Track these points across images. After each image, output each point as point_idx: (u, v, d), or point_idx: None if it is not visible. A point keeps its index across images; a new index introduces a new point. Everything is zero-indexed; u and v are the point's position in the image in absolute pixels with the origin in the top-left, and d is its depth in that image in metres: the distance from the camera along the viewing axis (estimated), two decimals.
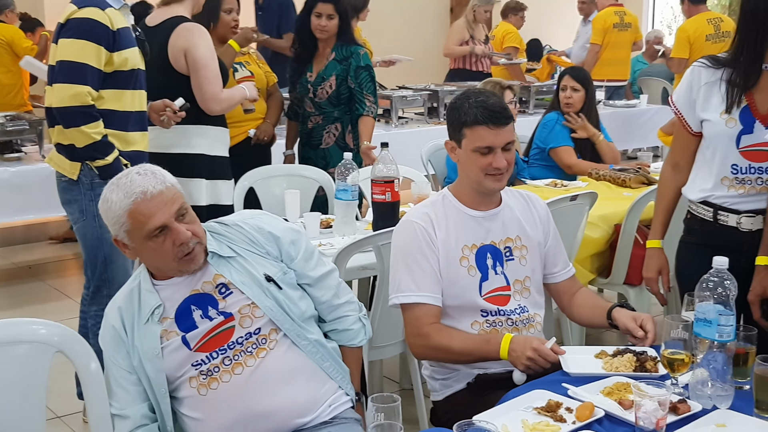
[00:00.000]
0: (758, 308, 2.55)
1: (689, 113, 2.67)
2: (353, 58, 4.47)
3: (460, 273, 2.46)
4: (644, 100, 7.76)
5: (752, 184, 2.61)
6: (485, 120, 2.42)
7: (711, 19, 6.63)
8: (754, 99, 2.57)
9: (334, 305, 2.38)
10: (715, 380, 2.01)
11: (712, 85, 2.61)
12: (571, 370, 2.21)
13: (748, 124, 2.57)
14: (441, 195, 2.57)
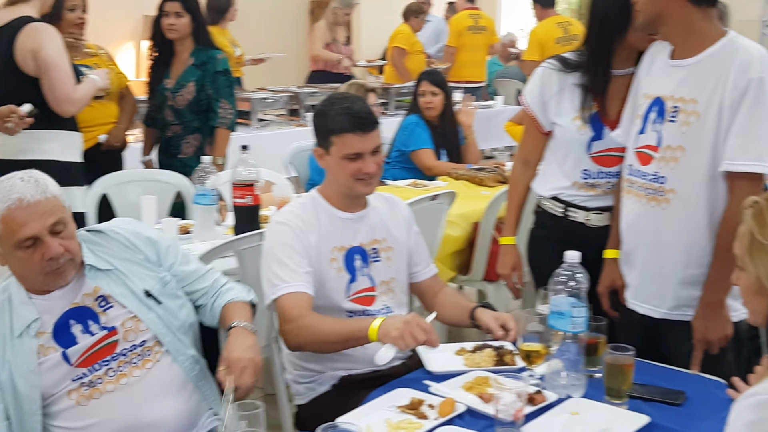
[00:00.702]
0: (607, 299, 2.65)
1: (542, 114, 2.75)
2: (210, 63, 4.37)
3: (330, 274, 2.46)
4: (500, 101, 7.98)
5: (602, 188, 2.71)
6: (352, 127, 2.41)
7: (560, 22, 6.87)
8: (604, 104, 2.66)
9: (218, 285, 2.36)
10: (569, 370, 2.08)
11: (564, 90, 2.69)
12: (433, 369, 2.23)
13: (598, 131, 2.66)
14: (310, 197, 2.55)
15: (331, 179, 2.53)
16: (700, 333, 2.31)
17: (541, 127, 2.76)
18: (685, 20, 2.34)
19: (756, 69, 2.26)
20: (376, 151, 2.46)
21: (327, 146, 2.46)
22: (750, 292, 1.69)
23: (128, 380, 2.11)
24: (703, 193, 2.35)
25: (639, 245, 2.49)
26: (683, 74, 2.37)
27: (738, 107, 2.26)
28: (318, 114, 2.52)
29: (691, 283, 2.39)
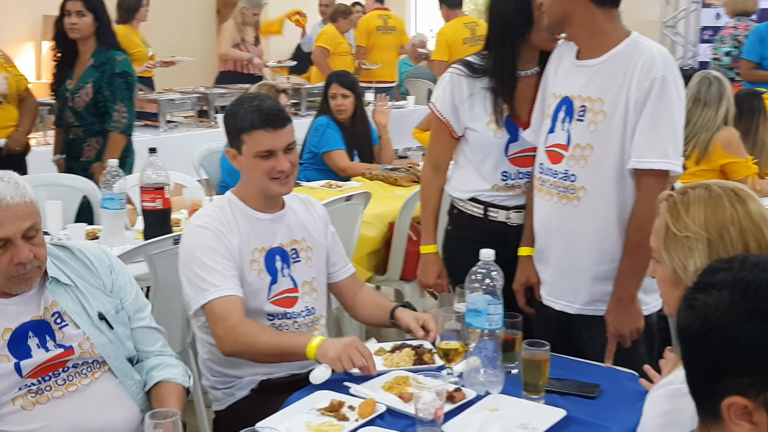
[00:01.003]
0: (522, 296, 2.68)
1: (454, 120, 2.73)
2: (109, 64, 4.25)
3: (251, 276, 2.42)
4: (411, 101, 8.02)
5: (522, 188, 2.73)
6: (262, 124, 2.38)
7: (467, 23, 6.96)
8: (514, 106, 2.68)
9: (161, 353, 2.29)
10: (486, 367, 2.10)
11: (474, 95, 2.69)
12: (353, 371, 2.22)
13: (513, 133, 2.69)
14: (226, 199, 2.51)
15: (245, 180, 2.49)
16: (613, 327, 2.36)
17: (454, 132, 2.76)
18: (590, 21, 2.38)
19: (659, 68, 2.31)
20: (289, 148, 2.44)
21: (239, 146, 2.43)
22: (666, 284, 1.72)
23: (77, 388, 2.09)
24: (612, 190, 2.39)
25: (552, 243, 2.53)
26: (589, 74, 2.42)
27: (643, 106, 2.32)
28: (228, 114, 2.48)
29: (603, 279, 2.44)
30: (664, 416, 1.56)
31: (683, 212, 1.67)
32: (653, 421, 1.58)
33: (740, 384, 1.11)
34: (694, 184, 1.73)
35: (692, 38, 8.60)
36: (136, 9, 6.67)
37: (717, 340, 1.13)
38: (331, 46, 8.16)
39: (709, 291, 1.15)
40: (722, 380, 1.13)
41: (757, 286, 1.13)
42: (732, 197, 1.66)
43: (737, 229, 1.63)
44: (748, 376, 1.11)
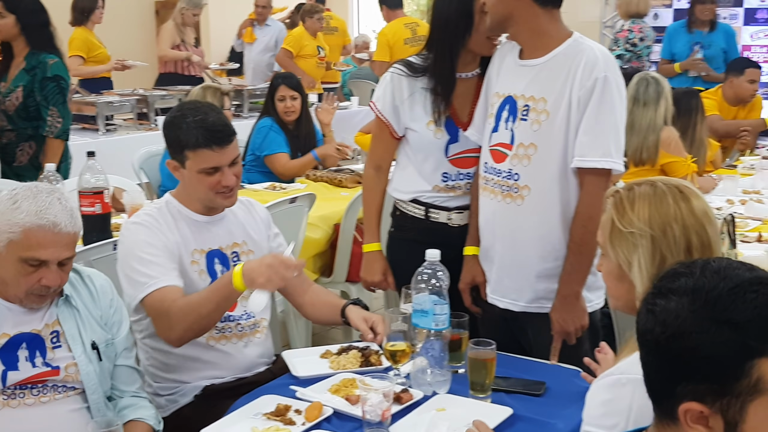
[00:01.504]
0: (468, 295, 2.69)
1: (395, 120, 2.73)
2: (40, 68, 4.13)
3: (192, 277, 2.39)
4: (355, 102, 8.01)
5: (463, 189, 2.73)
6: (208, 142, 2.34)
7: (408, 23, 6.97)
8: (455, 107, 2.68)
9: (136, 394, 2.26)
10: (433, 367, 2.10)
11: (414, 95, 2.68)
12: (299, 374, 2.21)
13: (453, 134, 2.69)
14: (164, 201, 2.46)
15: (187, 191, 2.45)
16: (558, 324, 2.38)
17: (395, 132, 2.75)
18: (533, 21, 2.40)
19: (601, 68, 2.34)
20: (234, 162, 2.40)
21: (182, 160, 2.38)
22: (612, 278, 1.75)
23: (48, 400, 2.08)
24: (556, 189, 2.41)
25: (496, 241, 2.54)
26: (532, 74, 2.43)
27: (586, 105, 2.34)
28: (169, 125, 2.42)
29: (547, 276, 2.45)
30: (603, 406, 1.58)
31: (628, 208, 1.69)
32: (594, 411, 1.60)
33: (698, 390, 1.12)
34: (640, 181, 1.76)
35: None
36: (91, 11, 6.58)
37: (676, 347, 1.13)
38: (295, 48, 8.05)
39: (669, 297, 1.16)
40: (680, 385, 1.14)
41: (717, 294, 1.13)
42: (676, 194, 1.69)
43: (680, 225, 1.66)
44: (706, 384, 1.12)
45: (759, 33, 8.13)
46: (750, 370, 1.10)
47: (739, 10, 8.19)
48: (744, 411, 1.11)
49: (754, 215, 3.77)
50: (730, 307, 1.11)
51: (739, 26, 8.18)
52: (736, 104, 5.85)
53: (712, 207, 3.85)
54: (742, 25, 8.18)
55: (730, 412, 1.11)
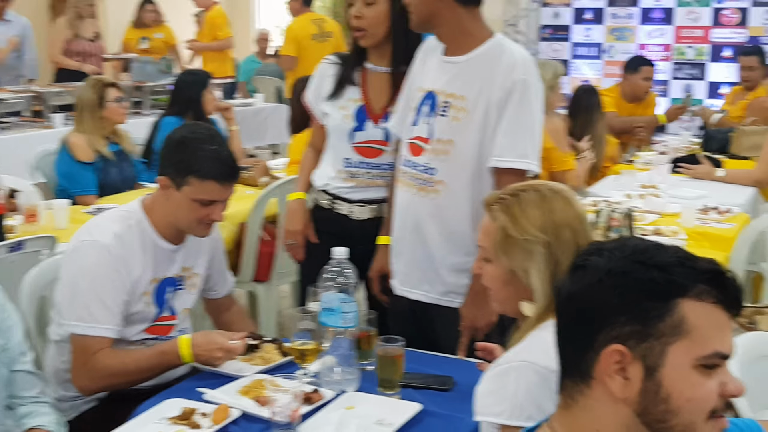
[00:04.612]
0: (377, 283, 2.71)
1: (315, 105, 2.84)
2: None
3: (138, 306, 2.33)
4: (260, 99, 7.93)
5: (362, 178, 2.77)
6: (219, 177, 2.29)
7: (315, 19, 6.94)
8: (368, 98, 2.74)
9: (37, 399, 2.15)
10: (342, 365, 2.09)
11: (331, 80, 2.78)
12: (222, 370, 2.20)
13: (360, 122, 2.74)
14: (136, 219, 2.35)
15: (167, 211, 2.35)
16: (468, 320, 2.40)
17: (317, 119, 2.83)
18: (455, 21, 2.43)
19: (520, 71, 2.38)
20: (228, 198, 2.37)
21: (180, 183, 2.30)
22: (498, 283, 1.78)
23: None
24: (469, 186, 2.44)
25: (408, 233, 2.55)
26: (454, 71, 2.46)
27: (504, 107, 2.37)
28: (180, 146, 2.32)
29: (458, 271, 2.47)
30: (491, 395, 1.62)
31: (520, 215, 1.73)
32: (482, 401, 1.64)
33: (621, 333, 1.17)
34: (523, 186, 1.80)
35: (533, 36, 8.91)
36: None
37: (607, 289, 1.18)
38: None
39: (601, 253, 1.22)
40: (604, 330, 1.18)
41: (643, 247, 1.21)
42: (561, 199, 1.75)
43: (570, 229, 1.71)
44: (630, 325, 1.16)
45: (654, 32, 8.39)
46: (674, 309, 1.15)
47: (635, 9, 8.44)
48: (664, 355, 1.15)
49: (651, 209, 3.89)
50: (656, 255, 1.19)
51: (635, 25, 8.43)
52: (633, 101, 6.03)
53: (611, 200, 3.98)
54: (638, 24, 8.43)
55: (650, 357, 1.16)
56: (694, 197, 4.15)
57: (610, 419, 1.20)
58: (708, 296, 1.16)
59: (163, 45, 8.21)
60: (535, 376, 1.57)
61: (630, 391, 1.17)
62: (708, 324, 1.16)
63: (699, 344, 1.15)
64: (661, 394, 1.16)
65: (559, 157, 4.30)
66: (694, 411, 1.16)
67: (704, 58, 8.18)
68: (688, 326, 1.15)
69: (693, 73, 8.23)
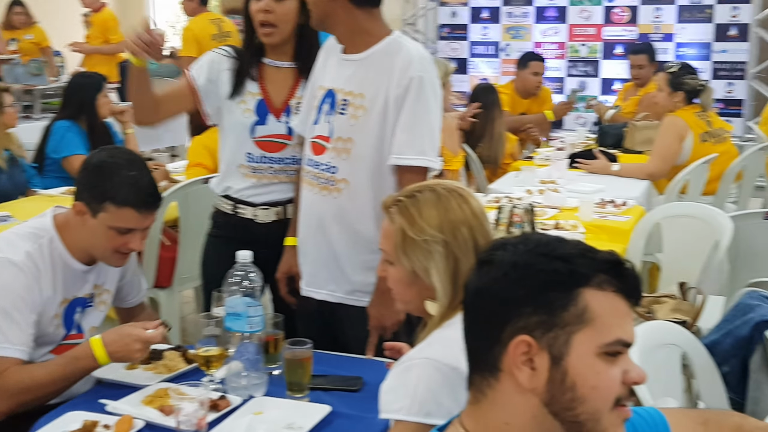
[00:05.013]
0: (284, 285, 2.68)
1: (204, 93, 2.74)
2: None
3: (49, 329, 2.24)
4: None
5: (264, 173, 2.73)
6: (138, 204, 2.20)
7: (213, 19, 6.84)
8: (268, 93, 2.71)
9: None
10: (249, 370, 2.06)
11: (228, 74, 2.73)
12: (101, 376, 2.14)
13: (262, 116, 2.71)
14: (48, 238, 2.24)
15: (81, 236, 2.26)
16: (376, 319, 2.40)
17: (201, 102, 2.74)
18: (350, 20, 2.42)
19: (416, 68, 2.38)
20: (147, 227, 2.28)
21: (96, 210, 2.21)
22: (401, 284, 1.80)
23: None
24: (371, 184, 2.44)
25: (312, 232, 2.54)
26: (352, 69, 2.46)
27: (402, 104, 2.38)
28: (97, 170, 2.23)
29: (364, 269, 2.47)
30: (393, 392, 1.64)
31: (417, 216, 1.74)
32: (385, 398, 1.66)
33: (528, 324, 1.19)
34: (420, 186, 1.82)
35: (431, 35, 9.01)
36: None
37: (513, 282, 1.20)
38: None
39: (506, 248, 1.25)
40: (511, 322, 1.20)
41: (546, 241, 1.25)
42: (457, 197, 1.77)
43: (467, 227, 1.74)
44: (536, 316, 1.19)
45: (549, 30, 8.59)
46: (577, 298, 1.18)
47: (530, 8, 8.63)
48: (569, 344, 1.18)
49: (551, 204, 3.97)
50: (558, 248, 1.23)
51: (530, 24, 8.62)
52: (527, 97, 6.16)
53: (513, 196, 4.05)
54: (533, 23, 8.62)
55: (556, 346, 1.18)
56: (592, 191, 4.26)
57: (519, 410, 1.22)
58: (608, 285, 1.19)
59: (34, 47, 7.96)
60: (437, 373, 1.59)
61: (537, 381, 1.19)
62: (610, 312, 1.19)
63: (602, 332, 1.18)
64: (567, 383, 1.18)
65: (447, 157, 4.34)
66: (599, 399, 1.18)
67: (597, 55, 8.42)
68: (590, 315, 1.18)
69: (587, 70, 8.47)
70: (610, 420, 1.19)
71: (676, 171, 4.60)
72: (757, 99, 7.84)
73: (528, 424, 1.22)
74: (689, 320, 2.84)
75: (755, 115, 7.70)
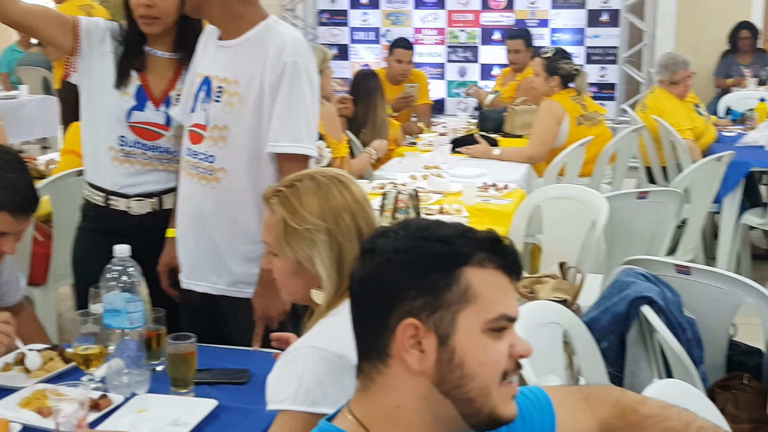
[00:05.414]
0: (166, 277, 2.63)
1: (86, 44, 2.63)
2: None
3: None
4: (25, 91, 7.47)
5: (138, 158, 2.65)
6: (14, 209, 2.12)
7: (83, 5, 6.61)
8: (147, 81, 2.64)
9: None
10: (130, 367, 2.02)
11: (111, 57, 2.63)
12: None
13: (141, 102, 2.64)
14: None
15: None
16: (261, 310, 2.38)
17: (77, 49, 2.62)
18: (225, 6, 2.39)
19: (290, 53, 2.35)
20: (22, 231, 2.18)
21: None
22: (287, 275, 1.79)
23: None
24: (249, 173, 2.41)
25: (192, 223, 2.50)
26: (227, 55, 2.42)
27: (277, 90, 2.35)
28: None
29: (246, 260, 2.44)
30: (279, 381, 1.63)
31: (298, 206, 1.74)
32: (271, 389, 1.65)
33: (414, 308, 1.20)
34: (299, 175, 1.81)
35: (311, 21, 8.95)
36: None
37: (396, 266, 1.22)
38: None
39: (387, 235, 1.26)
40: (397, 307, 1.21)
41: (426, 224, 1.27)
42: (338, 184, 1.77)
43: (350, 214, 1.74)
44: (421, 298, 1.20)
45: (428, 16, 8.67)
46: (459, 277, 1.21)
47: None
48: (455, 323, 1.20)
49: (435, 189, 4.02)
50: (438, 230, 1.25)
51: (410, 10, 8.68)
52: (395, 84, 6.17)
53: (397, 182, 4.08)
54: (412, 9, 8.68)
55: (442, 326, 1.20)
56: (474, 176, 4.33)
57: (410, 393, 1.23)
58: (489, 263, 1.22)
59: None
60: (323, 361, 1.58)
61: (426, 362, 1.21)
62: (492, 289, 1.22)
63: (486, 309, 1.21)
64: (455, 361, 1.20)
65: (331, 145, 4.33)
66: (487, 374, 1.21)
67: (476, 41, 8.56)
68: (473, 293, 1.20)
69: (466, 55, 8.61)
70: (499, 395, 1.22)
71: (554, 154, 4.72)
72: (628, 83, 8.15)
73: (419, 405, 1.23)
74: (569, 299, 2.93)
75: (627, 98, 8.01)
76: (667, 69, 5.47)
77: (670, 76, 5.45)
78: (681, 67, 5.42)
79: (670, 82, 5.46)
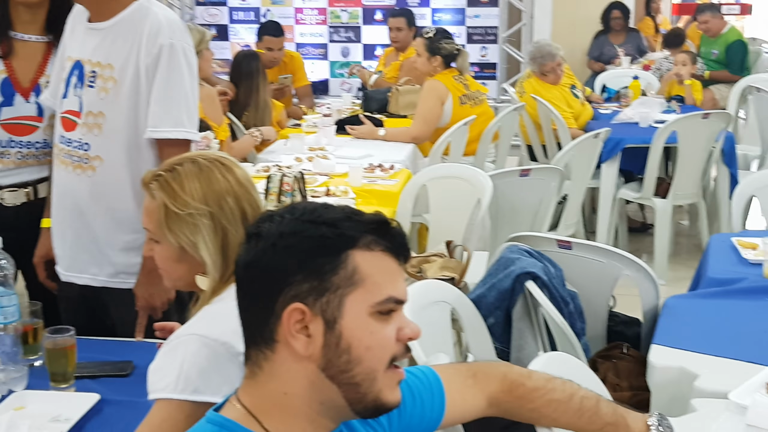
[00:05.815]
0: (43, 270, 2.54)
1: None
2: None
3: None
4: None
5: (11, 158, 2.58)
6: None
7: None
8: (14, 70, 2.54)
9: None
10: (6, 364, 1.95)
11: None
12: None
13: (8, 97, 2.54)
14: None
15: None
16: (144, 300, 2.32)
17: None
18: None
19: (166, 35, 2.29)
20: None
21: None
22: (170, 262, 1.74)
23: None
24: (127, 160, 2.34)
25: (69, 214, 2.41)
26: (99, 38, 2.34)
27: (154, 74, 2.29)
28: None
29: (126, 250, 2.38)
30: (160, 370, 1.59)
31: (179, 190, 1.69)
32: (151, 378, 1.61)
33: (300, 292, 1.19)
34: (179, 159, 1.77)
35: (188, 1, 8.74)
36: None
37: (281, 251, 1.20)
38: None
39: (272, 219, 1.24)
40: (283, 292, 1.19)
41: (312, 208, 1.26)
42: (220, 167, 1.73)
43: (233, 197, 1.71)
44: (308, 282, 1.19)
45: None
46: (346, 260, 1.20)
47: None
48: (342, 306, 1.19)
49: (321, 171, 4.00)
50: (324, 214, 1.24)
51: None
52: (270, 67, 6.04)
53: (282, 165, 4.03)
54: None
55: (329, 310, 1.19)
56: (360, 157, 4.34)
57: (297, 379, 1.22)
58: (376, 245, 1.22)
59: None
60: (205, 348, 1.55)
61: (313, 347, 1.20)
62: (379, 271, 1.21)
63: (373, 291, 1.20)
64: (342, 345, 1.19)
65: (212, 127, 4.25)
66: (374, 358, 1.21)
67: (358, 21, 8.55)
68: (360, 276, 1.20)
69: (349, 36, 8.58)
70: (385, 380, 1.22)
71: (439, 133, 4.77)
72: (509, 62, 8.30)
73: (306, 391, 1.22)
74: (457, 276, 2.97)
75: (508, 78, 8.16)
76: (535, 62, 5.64)
77: (539, 68, 5.60)
78: (548, 60, 5.57)
79: (540, 73, 5.60)
